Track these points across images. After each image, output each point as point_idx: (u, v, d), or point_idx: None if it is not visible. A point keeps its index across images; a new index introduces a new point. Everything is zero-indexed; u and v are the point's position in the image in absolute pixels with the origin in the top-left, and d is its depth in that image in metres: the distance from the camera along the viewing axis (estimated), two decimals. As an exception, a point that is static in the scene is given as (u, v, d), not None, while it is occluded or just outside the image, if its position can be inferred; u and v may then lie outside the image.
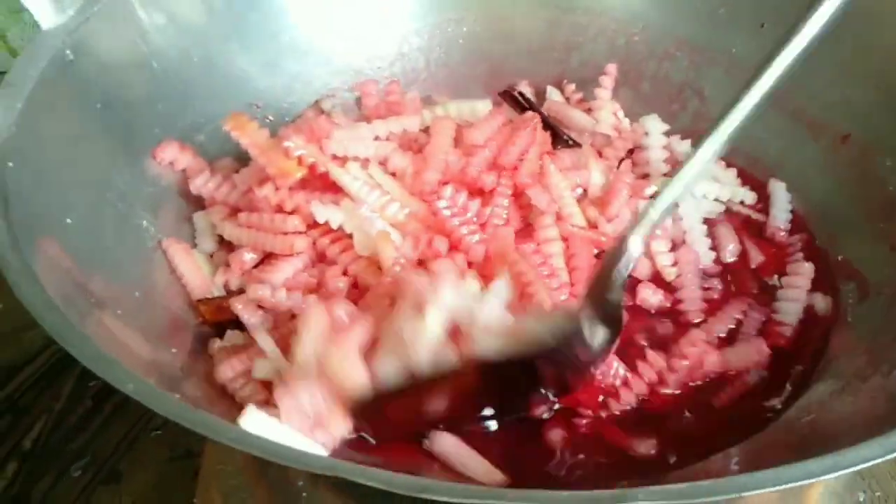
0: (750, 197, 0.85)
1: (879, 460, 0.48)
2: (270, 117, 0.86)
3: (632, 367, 0.70)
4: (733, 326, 0.75)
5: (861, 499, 0.75)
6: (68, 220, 0.64)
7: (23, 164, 0.62)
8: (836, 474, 0.47)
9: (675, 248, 0.79)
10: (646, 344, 0.73)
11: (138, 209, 0.73)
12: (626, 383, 0.69)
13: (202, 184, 0.78)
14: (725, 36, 0.90)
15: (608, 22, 0.93)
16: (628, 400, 0.68)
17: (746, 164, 0.88)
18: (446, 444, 0.63)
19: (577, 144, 0.85)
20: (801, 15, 0.60)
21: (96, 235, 0.67)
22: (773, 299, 0.77)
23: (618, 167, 0.85)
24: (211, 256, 0.78)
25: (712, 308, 0.76)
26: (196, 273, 0.74)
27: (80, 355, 0.51)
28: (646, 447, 0.66)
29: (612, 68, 0.91)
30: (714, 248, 0.80)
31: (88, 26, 0.71)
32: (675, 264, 0.77)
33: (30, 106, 0.65)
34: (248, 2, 0.86)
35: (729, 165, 0.87)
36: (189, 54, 0.81)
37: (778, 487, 0.46)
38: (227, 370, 0.66)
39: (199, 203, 0.80)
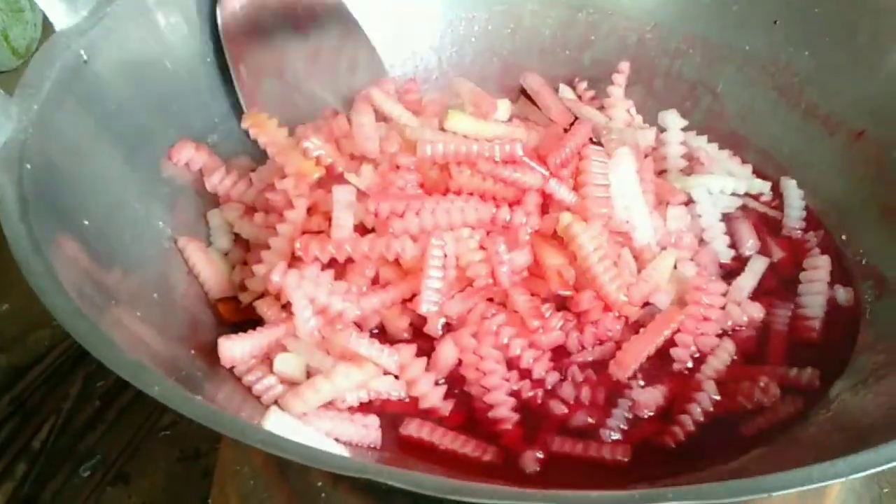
0: (767, 188, 0.85)
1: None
2: (284, 116, 0.86)
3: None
4: (760, 325, 0.75)
5: (877, 494, 0.75)
6: (85, 222, 0.64)
7: (40, 166, 0.61)
8: (865, 473, 0.47)
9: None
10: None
11: (154, 209, 0.73)
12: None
13: (218, 181, 0.78)
14: (738, 33, 0.89)
15: (620, 20, 0.93)
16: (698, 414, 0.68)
17: (759, 161, 0.88)
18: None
19: (597, 143, 0.85)
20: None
21: (114, 236, 0.67)
22: (795, 294, 0.77)
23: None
24: (226, 254, 0.78)
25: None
26: (212, 271, 0.74)
27: (104, 358, 0.50)
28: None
29: (625, 66, 0.91)
30: (733, 245, 0.80)
31: (102, 27, 0.71)
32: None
33: (46, 107, 0.64)
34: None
35: (742, 163, 0.88)
36: (202, 54, 0.81)
37: (807, 487, 0.46)
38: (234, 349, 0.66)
39: (214, 202, 0.79)
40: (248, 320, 0.72)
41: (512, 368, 0.70)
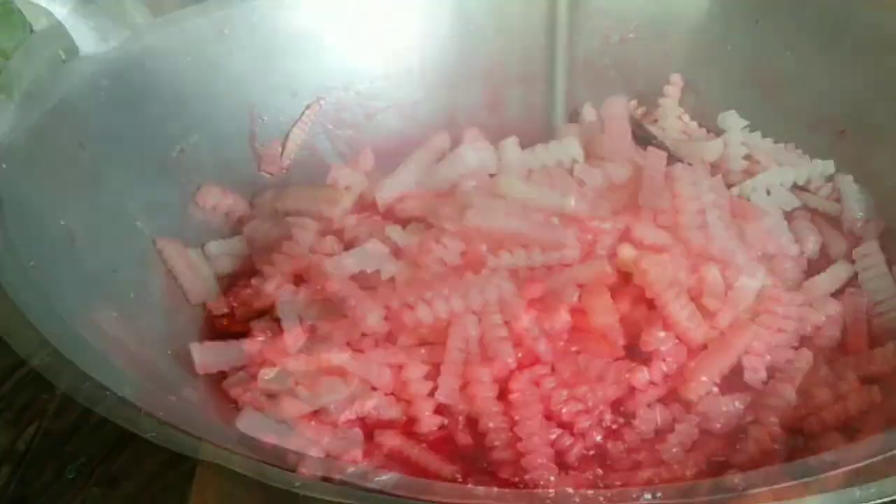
0: (830, 168, 0.83)
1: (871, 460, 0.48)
2: (265, 117, 0.86)
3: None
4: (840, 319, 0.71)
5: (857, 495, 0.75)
6: (62, 222, 0.64)
7: (16, 165, 0.62)
8: (837, 471, 0.47)
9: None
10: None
11: (132, 210, 0.73)
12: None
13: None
14: (720, 32, 0.90)
15: (602, 19, 0.92)
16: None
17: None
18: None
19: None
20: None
21: (90, 237, 0.66)
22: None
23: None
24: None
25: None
26: (192, 274, 0.74)
27: (76, 358, 0.51)
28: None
29: (676, 78, 0.91)
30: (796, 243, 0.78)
31: (81, 26, 0.71)
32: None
33: (23, 107, 0.65)
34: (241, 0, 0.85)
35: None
36: (183, 53, 0.80)
37: (782, 485, 0.46)
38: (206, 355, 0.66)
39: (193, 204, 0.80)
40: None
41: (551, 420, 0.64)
